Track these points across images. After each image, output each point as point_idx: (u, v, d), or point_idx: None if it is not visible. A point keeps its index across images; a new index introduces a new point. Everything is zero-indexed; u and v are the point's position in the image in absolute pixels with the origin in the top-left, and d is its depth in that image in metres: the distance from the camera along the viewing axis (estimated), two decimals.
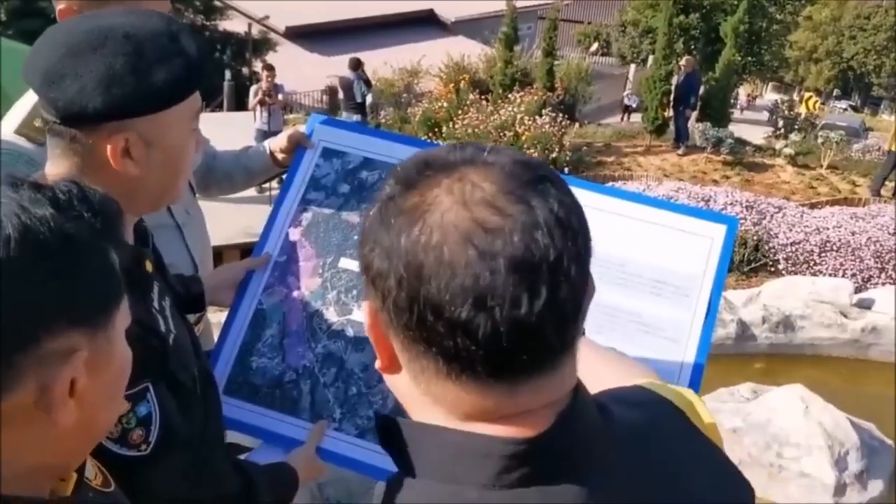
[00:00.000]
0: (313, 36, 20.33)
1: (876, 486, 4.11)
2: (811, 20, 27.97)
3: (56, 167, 1.08)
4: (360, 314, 1.52)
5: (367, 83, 11.35)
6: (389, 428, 0.71)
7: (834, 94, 33.49)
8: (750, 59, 17.54)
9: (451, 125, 11.25)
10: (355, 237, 1.57)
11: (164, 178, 1.13)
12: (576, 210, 0.65)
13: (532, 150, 10.44)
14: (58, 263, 0.64)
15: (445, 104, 12.24)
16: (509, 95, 12.42)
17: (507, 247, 0.60)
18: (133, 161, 1.06)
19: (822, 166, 12.37)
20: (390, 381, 0.72)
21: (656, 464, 0.74)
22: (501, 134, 10.90)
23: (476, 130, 10.77)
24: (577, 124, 13.88)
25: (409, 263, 0.61)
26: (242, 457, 1.42)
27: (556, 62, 14.21)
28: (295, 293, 1.56)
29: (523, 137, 10.87)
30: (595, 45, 26.45)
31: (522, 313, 0.60)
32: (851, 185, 11.86)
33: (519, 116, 11.32)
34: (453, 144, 0.70)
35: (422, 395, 0.68)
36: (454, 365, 0.63)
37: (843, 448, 4.19)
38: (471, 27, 21.61)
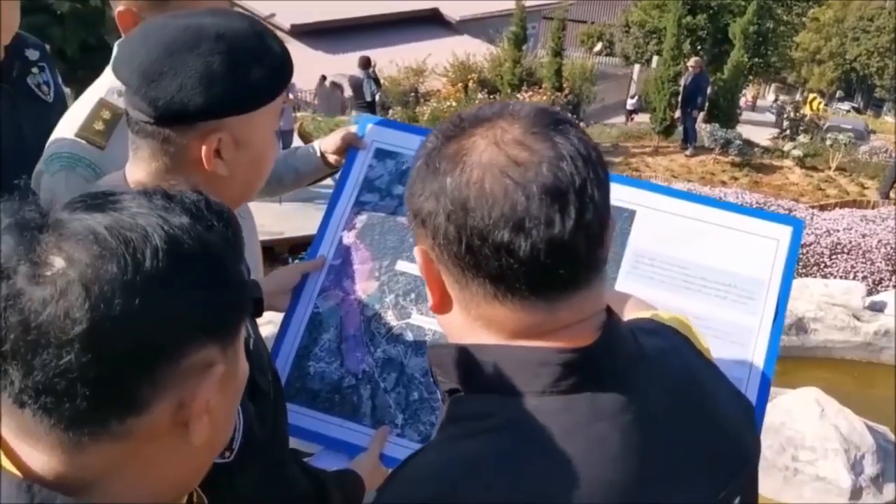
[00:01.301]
0: (318, 34, 20.30)
1: (891, 490, 4.09)
2: (818, 21, 27.93)
3: (140, 170, 1.06)
4: (420, 318, 1.50)
5: (377, 82, 11.33)
6: (440, 357, 0.81)
7: (837, 95, 33.49)
8: (757, 60, 17.54)
9: None
10: (411, 239, 1.54)
11: (249, 179, 1.12)
12: (593, 146, 0.75)
13: None
14: (200, 274, 0.62)
15: (454, 103, 12.22)
16: (518, 95, 12.39)
17: (538, 176, 0.70)
18: (223, 161, 1.06)
19: (830, 168, 12.36)
20: (442, 320, 0.82)
21: (684, 380, 0.85)
22: None
23: None
24: (582, 124, 13.86)
25: (455, 199, 0.71)
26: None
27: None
28: (351, 297, 1.54)
29: None
30: (599, 46, 26.44)
31: (556, 232, 0.70)
32: (860, 188, 11.84)
33: None
34: (476, 107, 0.80)
35: (473, 322, 0.77)
36: (500, 285, 0.72)
37: (858, 452, 4.18)
38: (476, 26, 21.59)
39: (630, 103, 17.75)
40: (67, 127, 1.43)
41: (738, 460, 0.86)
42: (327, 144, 1.70)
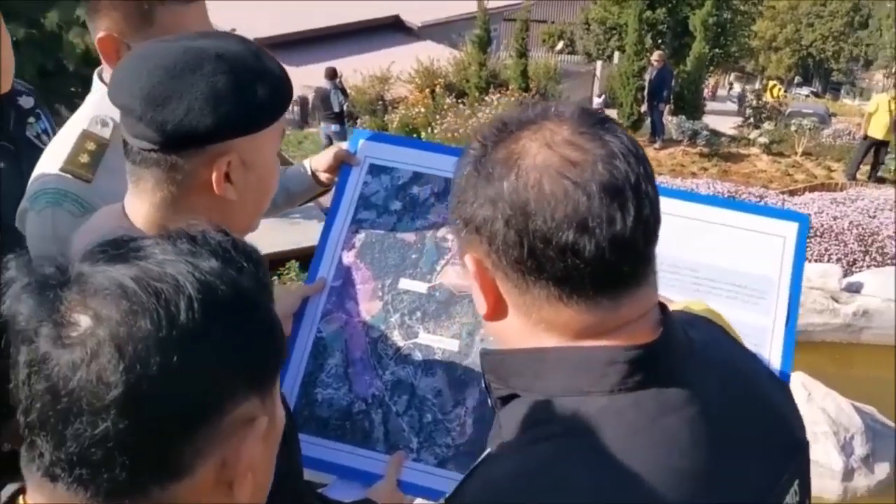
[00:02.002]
0: (280, 47, 20.13)
1: (882, 469, 4.14)
2: (774, 9, 28.39)
3: (143, 203, 1.01)
4: (427, 336, 1.46)
5: (344, 92, 11.28)
6: (495, 363, 0.81)
7: (795, 81, 34.02)
8: (717, 50, 17.76)
9: (430, 130, 11.20)
10: (413, 256, 1.51)
11: (257, 201, 1.09)
12: (636, 142, 0.76)
13: None
14: (237, 322, 0.58)
15: (423, 110, 12.20)
16: (486, 98, 12.41)
17: (595, 175, 0.70)
18: (233, 185, 1.02)
19: (796, 153, 12.54)
20: (495, 327, 0.80)
21: (732, 370, 0.86)
22: None
23: (456, 134, 10.73)
24: None
25: (514, 203, 0.71)
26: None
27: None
28: (355, 319, 1.50)
29: None
30: (560, 44, 26.58)
31: (618, 229, 0.70)
32: (827, 171, 12.02)
33: None
34: (515, 109, 0.80)
35: (534, 326, 0.76)
36: (565, 287, 0.72)
37: (848, 433, 4.22)
38: (438, 31, 21.59)
39: (596, 102, 17.78)
40: (51, 161, 1.36)
41: (792, 443, 0.87)
42: (319, 162, 1.66)
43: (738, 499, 0.77)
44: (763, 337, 1.39)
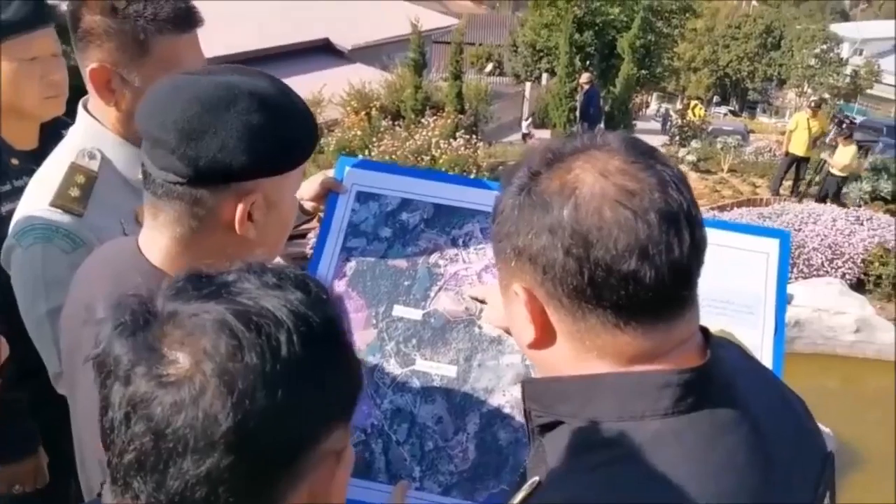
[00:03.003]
0: None
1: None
2: (695, 31, 29.49)
3: (161, 237, 0.98)
4: (424, 363, 1.45)
5: None
6: (538, 391, 0.82)
7: (714, 100, 35.27)
8: (643, 72, 18.33)
9: (367, 152, 11.18)
10: (406, 283, 1.50)
11: (276, 241, 1.06)
12: (680, 170, 0.78)
13: (450, 172, 10.47)
14: (331, 353, 0.59)
15: (359, 132, 12.17)
16: (422, 120, 12.46)
17: (653, 203, 0.72)
18: (253, 224, 0.99)
19: (722, 170, 12.97)
20: (540, 354, 0.81)
21: (764, 387, 0.88)
22: (419, 158, 10.91)
23: (393, 156, 10.73)
24: (482, 144, 14.09)
25: (574, 232, 0.72)
26: None
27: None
28: None
29: (440, 161, 10.92)
30: (490, 66, 26.96)
31: (676, 256, 0.72)
32: (752, 187, 12.48)
33: (434, 140, 11.36)
34: (559, 138, 0.82)
35: (586, 353, 0.77)
36: (622, 313, 0.74)
37: None
38: (368, 53, 21.58)
39: (524, 125, 17.87)
40: (38, 196, 1.31)
41: (822, 455, 0.90)
42: (304, 191, 1.63)
43: None
44: (754, 352, 1.44)
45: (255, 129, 0.94)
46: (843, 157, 11.37)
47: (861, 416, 5.60)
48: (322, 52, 22.26)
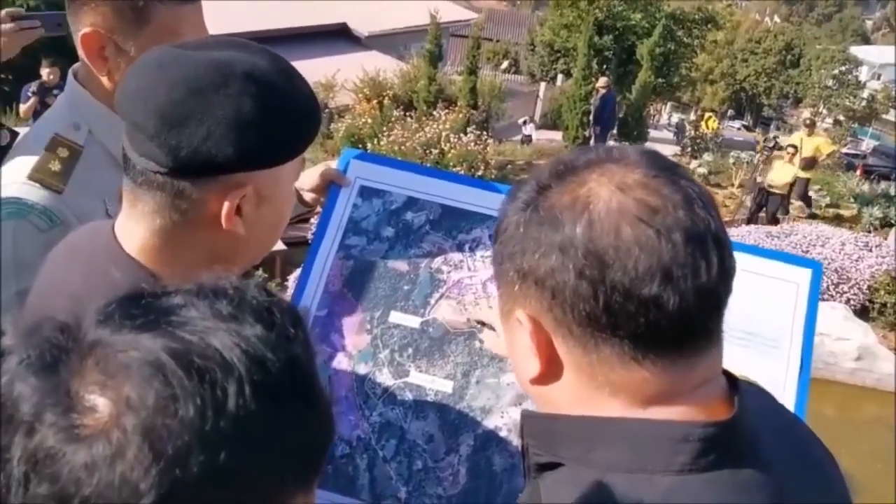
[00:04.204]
0: None
1: None
2: (716, 43, 29.32)
3: (140, 228, 0.88)
4: (419, 375, 1.35)
5: None
6: (540, 428, 0.72)
7: (728, 114, 35.09)
8: (661, 80, 18.16)
9: (376, 141, 11.06)
10: (405, 287, 1.40)
11: (266, 239, 0.96)
12: (705, 187, 0.70)
13: (458, 168, 10.36)
14: (292, 404, 0.47)
15: (369, 120, 12.04)
16: (434, 113, 12.34)
17: (678, 221, 0.64)
18: (242, 219, 0.89)
19: (733, 185, 12.84)
20: (543, 390, 0.72)
21: (787, 436, 0.80)
22: (427, 151, 10.79)
23: (402, 147, 10.61)
24: (492, 141, 13.98)
25: (588, 252, 0.64)
26: None
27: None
28: (340, 353, 1.37)
29: (449, 155, 10.80)
30: (506, 63, 26.81)
31: (703, 280, 0.64)
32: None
33: (444, 134, 11.23)
34: (572, 151, 0.74)
35: (597, 389, 0.69)
36: (640, 344, 0.65)
37: None
38: (384, 42, 21.45)
39: (526, 128, 16.75)
40: (16, 169, 1.20)
41: None
42: (303, 181, 1.52)
43: None
44: (775, 389, 1.33)
45: (245, 117, 0.83)
46: (782, 175, 11.01)
47: (856, 446, 5.51)
48: (339, 36, 22.15)
